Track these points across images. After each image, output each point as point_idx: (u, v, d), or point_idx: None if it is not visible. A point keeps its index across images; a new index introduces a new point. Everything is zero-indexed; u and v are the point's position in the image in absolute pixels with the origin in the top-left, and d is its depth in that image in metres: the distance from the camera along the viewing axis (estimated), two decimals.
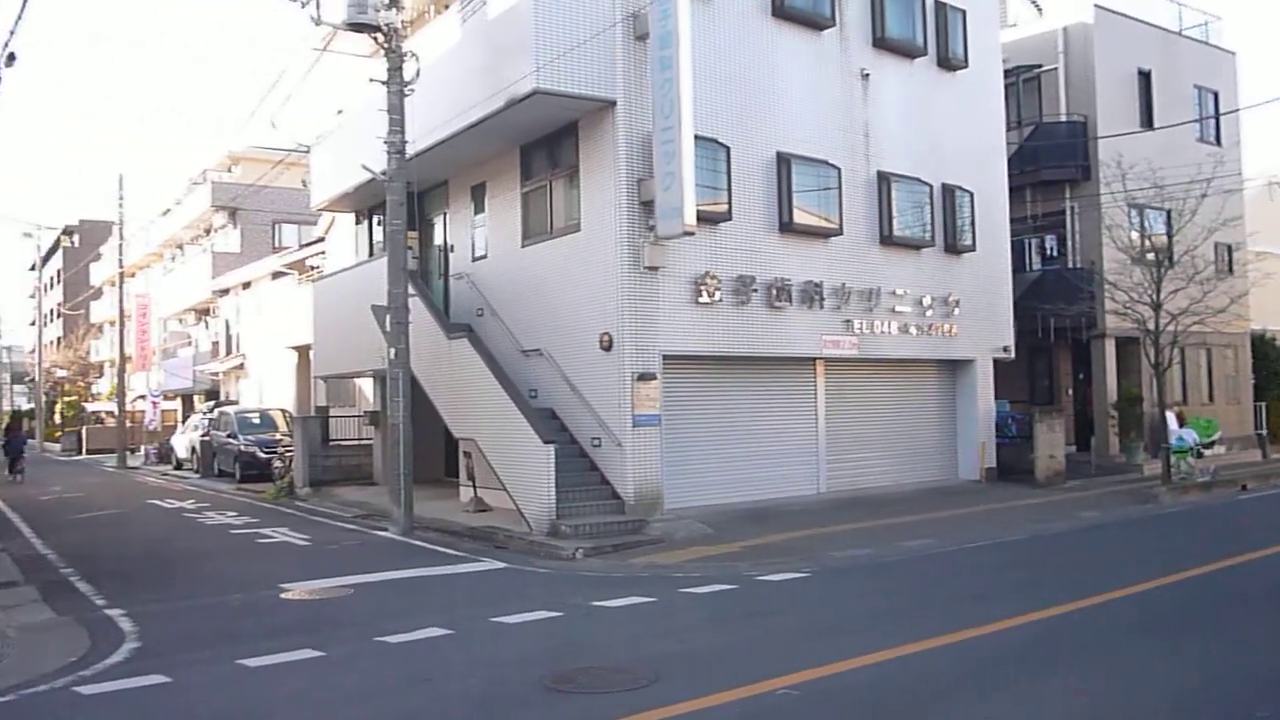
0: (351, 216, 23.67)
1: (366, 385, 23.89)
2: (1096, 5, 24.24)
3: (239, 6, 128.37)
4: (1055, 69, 24.44)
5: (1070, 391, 25.04)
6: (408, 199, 16.25)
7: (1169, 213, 22.64)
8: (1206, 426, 22.47)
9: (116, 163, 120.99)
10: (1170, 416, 20.64)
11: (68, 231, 62.55)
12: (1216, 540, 14.39)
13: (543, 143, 16.95)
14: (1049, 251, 24.83)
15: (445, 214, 20.04)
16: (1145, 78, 25.02)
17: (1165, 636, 8.39)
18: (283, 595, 10.87)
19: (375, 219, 21.93)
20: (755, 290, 16.53)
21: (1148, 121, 24.71)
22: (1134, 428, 23.01)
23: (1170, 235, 22.44)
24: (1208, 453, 21.85)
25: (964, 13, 20.19)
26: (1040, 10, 26.36)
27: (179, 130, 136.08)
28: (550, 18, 14.68)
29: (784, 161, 17.05)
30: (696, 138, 14.66)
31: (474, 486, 16.77)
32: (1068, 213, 24.14)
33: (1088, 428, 24.11)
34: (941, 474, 20.10)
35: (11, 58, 15.10)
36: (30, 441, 55.67)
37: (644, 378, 15.14)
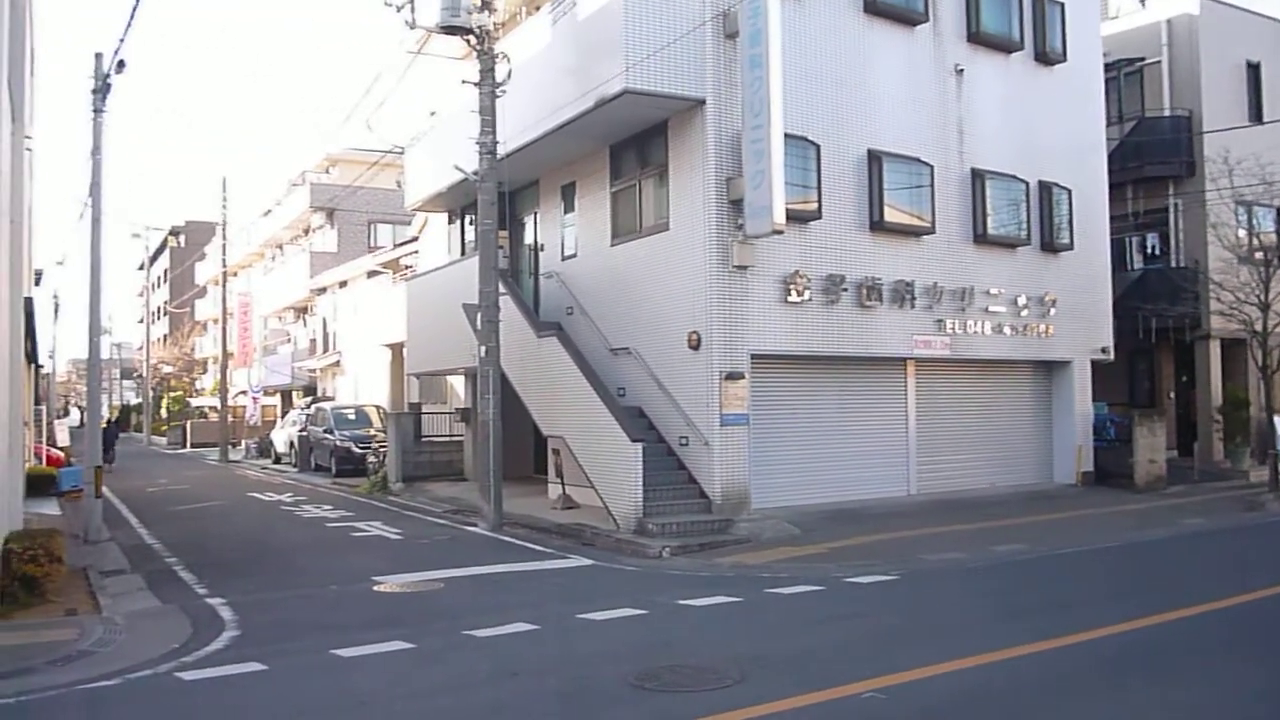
0: (444, 216, 24.05)
1: (458, 382, 24.27)
2: None
3: (337, 10, 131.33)
4: (1159, 62, 23.71)
5: (1172, 394, 24.29)
6: (499, 198, 16.45)
7: (1279, 210, 21.86)
8: None
9: (221, 166, 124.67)
10: (1278, 421, 19.90)
11: (174, 232, 64.71)
12: None
13: (632, 142, 17.01)
14: (1151, 250, 24.12)
15: (535, 213, 20.24)
16: (1254, 70, 24.14)
17: (1275, 649, 8.10)
18: (375, 588, 11.10)
19: (467, 218, 22.25)
20: (845, 289, 16.38)
21: (1257, 116, 23.84)
22: (1239, 432, 22.20)
23: None
24: None
25: (1062, 6, 19.73)
26: (1143, 2, 25.59)
27: (281, 133, 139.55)
28: (640, 17, 14.73)
29: (875, 159, 16.86)
30: (786, 136, 14.56)
31: (562, 484, 16.91)
32: (1171, 210, 23.41)
33: (1190, 432, 23.35)
34: (1036, 477, 19.67)
35: (121, 65, 15.68)
36: (137, 435, 57.92)
37: (732, 377, 15.10)
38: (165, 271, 76.24)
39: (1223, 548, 13.99)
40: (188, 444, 46.94)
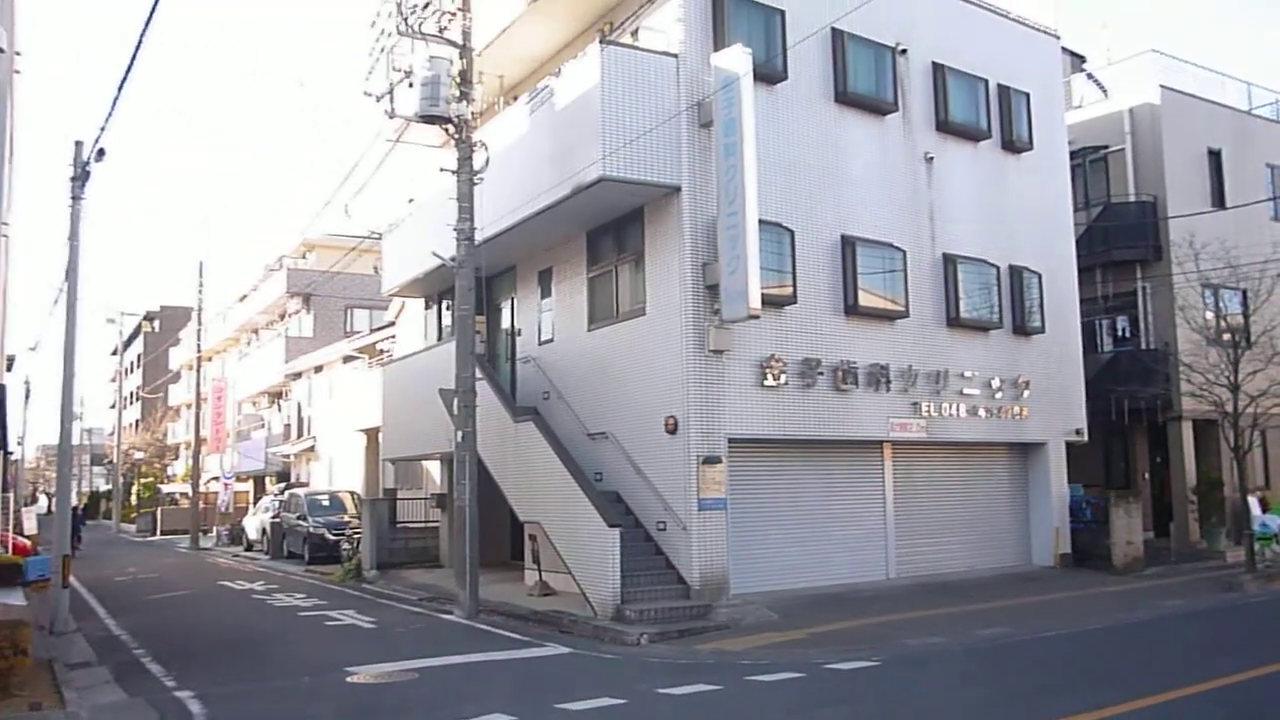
0: (421, 301, 24.12)
1: (434, 467, 24.10)
2: (1163, 86, 24.13)
3: (317, 97, 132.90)
4: (1123, 149, 24.27)
5: (1147, 475, 24.40)
6: (476, 284, 16.54)
7: (1245, 292, 22.23)
8: None
9: (198, 250, 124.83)
10: (1253, 502, 20.05)
11: (149, 317, 64.52)
12: None
13: (609, 228, 17.20)
14: (1121, 332, 24.42)
15: (513, 298, 20.34)
16: (1215, 157, 24.75)
17: None
18: (349, 679, 10.88)
19: (444, 304, 22.33)
20: (821, 373, 16.47)
21: (1219, 201, 24.38)
22: (1215, 513, 22.28)
23: (1247, 315, 21.99)
24: None
25: (1028, 95, 20.24)
26: (1105, 92, 26.29)
27: (260, 217, 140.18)
28: (616, 107, 14.99)
29: (848, 244, 17.09)
30: (761, 222, 14.78)
31: (539, 570, 16.73)
32: (1139, 293, 23.77)
33: (1166, 513, 23.42)
34: (1015, 559, 19.63)
35: (101, 153, 15.78)
36: (106, 522, 57.01)
37: (709, 461, 15.08)
38: (139, 356, 75.83)
39: (1205, 629, 13.95)
40: (158, 531, 46.24)
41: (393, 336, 28.80)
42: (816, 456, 16.97)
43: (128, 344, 69.67)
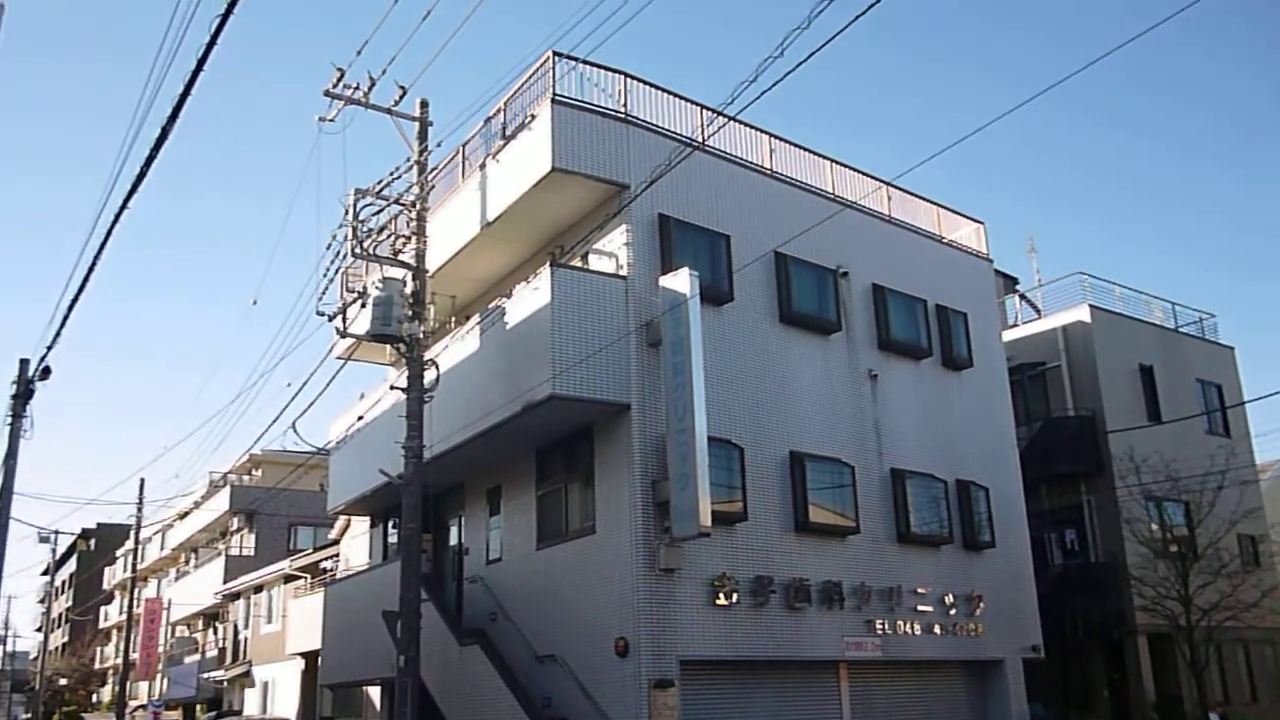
0: (367, 520, 23.71)
1: (375, 694, 23.10)
2: (1092, 306, 25.17)
3: (262, 316, 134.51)
4: (1059, 366, 25.05)
5: (1106, 693, 23.99)
6: (423, 502, 16.31)
7: (1187, 505, 22.57)
8: None
9: (141, 465, 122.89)
10: (1214, 719, 19.68)
11: (85, 536, 62.68)
12: None
13: (558, 445, 17.19)
14: (1070, 545, 24.50)
15: (461, 516, 20.06)
16: (1148, 372, 25.57)
17: None
18: None
19: (391, 522, 21.95)
20: (774, 591, 16.24)
21: (1155, 415, 25.03)
22: None
23: (1191, 528, 22.26)
24: None
25: (965, 315, 20.95)
26: (1039, 311, 27.34)
27: (203, 435, 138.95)
28: (566, 326, 15.26)
29: (797, 461, 17.19)
30: (710, 439, 14.86)
31: None
32: (1085, 506, 24.02)
33: None
34: None
35: (47, 371, 15.73)
36: None
37: (661, 684, 14.59)
38: (71, 576, 73.27)
39: None
40: None
41: (336, 555, 28.15)
42: (771, 678, 16.51)
43: (60, 563, 67.34)
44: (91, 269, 13.13)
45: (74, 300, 15.80)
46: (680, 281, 15.30)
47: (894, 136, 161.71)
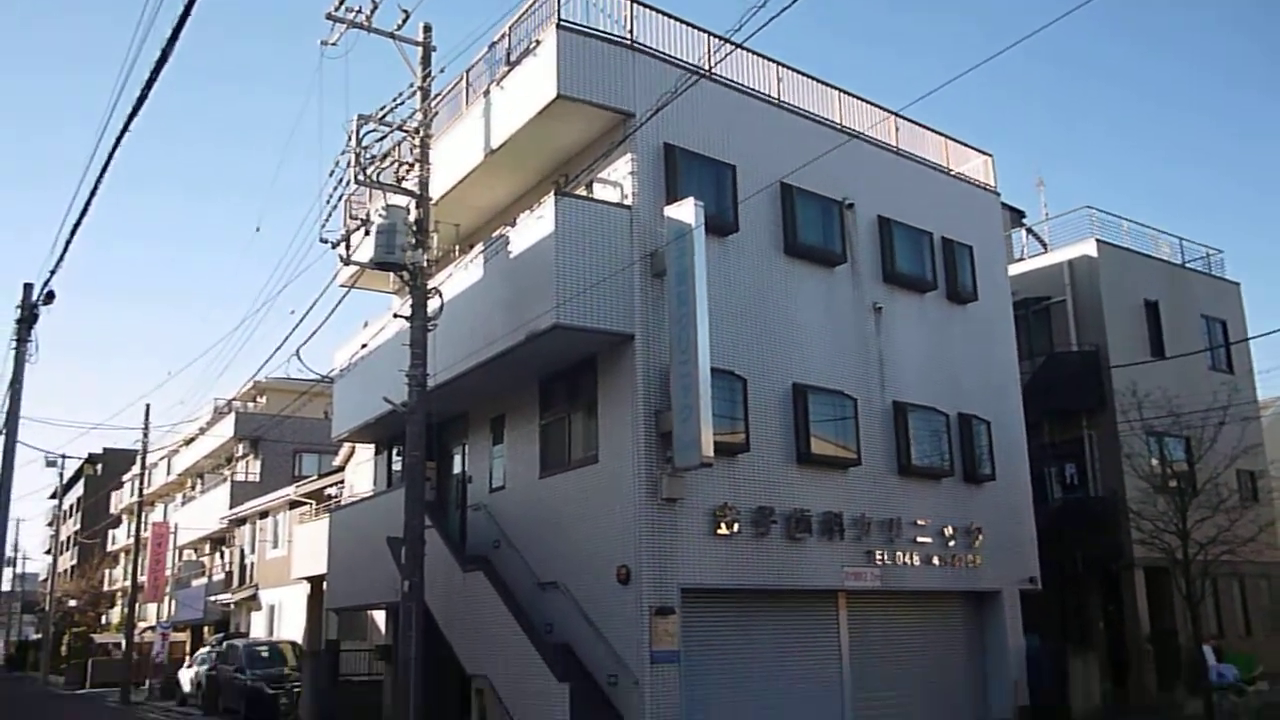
0: (371, 447, 23.85)
1: (380, 618, 23.43)
2: (1099, 240, 25.00)
3: (262, 253, 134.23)
4: (1064, 301, 24.96)
5: (1103, 625, 24.28)
6: (427, 430, 16.38)
7: (1188, 440, 22.62)
8: (1246, 662, 21.62)
9: (146, 392, 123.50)
10: (1207, 651, 19.93)
11: (92, 460, 63.08)
12: None
13: (562, 375, 17.22)
14: (1070, 480, 24.62)
15: (464, 445, 20.17)
16: (1153, 308, 25.50)
17: None
18: None
19: (395, 450, 22.07)
20: (775, 521, 16.36)
21: (1159, 350, 25.02)
22: (1171, 662, 22.13)
23: (1191, 463, 22.32)
24: (1250, 689, 20.91)
25: (971, 249, 20.83)
26: (1045, 246, 27.17)
27: (207, 362, 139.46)
28: (570, 256, 15.19)
29: (800, 393, 17.22)
30: (713, 370, 14.87)
31: None
32: (1086, 441, 24.10)
33: (1124, 663, 23.22)
34: (973, 713, 19.24)
35: (51, 296, 15.71)
36: (34, 674, 54.56)
37: (662, 612, 14.78)
38: (79, 500, 73.96)
39: None
40: (87, 684, 44.24)
41: (341, 482, 28.37)
42: (771, 607, 16.71)
43: (68, 487, 68.05)
44: (93, 194, 13.06)
45: (75, 226, 15.75)
46: (685, 211, 15.20)
47: (896, 75, 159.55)
